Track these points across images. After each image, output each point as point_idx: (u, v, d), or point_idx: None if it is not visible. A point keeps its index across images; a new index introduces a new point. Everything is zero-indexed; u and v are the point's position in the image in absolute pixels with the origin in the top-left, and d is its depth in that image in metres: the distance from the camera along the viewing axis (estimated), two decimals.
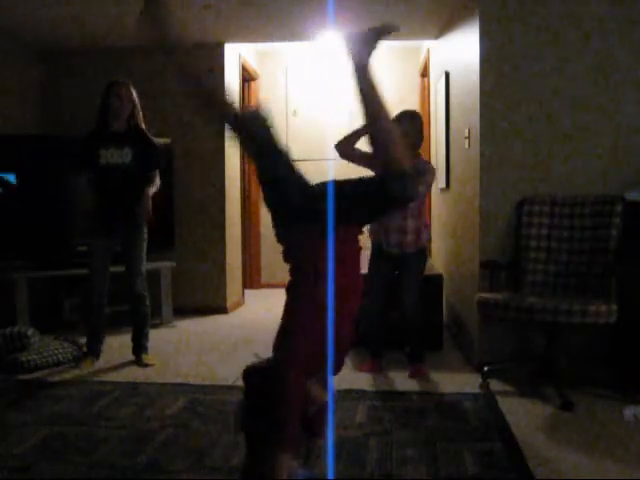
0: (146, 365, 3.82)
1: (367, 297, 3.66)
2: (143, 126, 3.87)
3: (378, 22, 1.88)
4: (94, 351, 3.91)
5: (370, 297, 3.66)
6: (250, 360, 1.98)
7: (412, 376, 3.51)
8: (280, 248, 2.04)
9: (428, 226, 3.76)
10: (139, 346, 3.91)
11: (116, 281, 4.96)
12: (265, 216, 6.91)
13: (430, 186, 3.61)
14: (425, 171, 3.46)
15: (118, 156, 3.76)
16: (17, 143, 4.71)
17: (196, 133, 5.34)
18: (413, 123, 3.49)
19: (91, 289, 3.85)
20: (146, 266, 3.95)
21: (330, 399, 2.15)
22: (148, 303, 3.94)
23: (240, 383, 1.93)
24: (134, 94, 3.82)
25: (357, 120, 3.49)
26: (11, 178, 4.60)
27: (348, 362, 3.83)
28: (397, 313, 3.69)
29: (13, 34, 5.02)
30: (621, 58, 3.49)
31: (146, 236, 3.89)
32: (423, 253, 3.68)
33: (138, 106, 3.85)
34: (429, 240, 3.81)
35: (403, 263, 3.60)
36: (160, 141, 4.47)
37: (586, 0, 3.49)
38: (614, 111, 3.51)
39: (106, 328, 3.99)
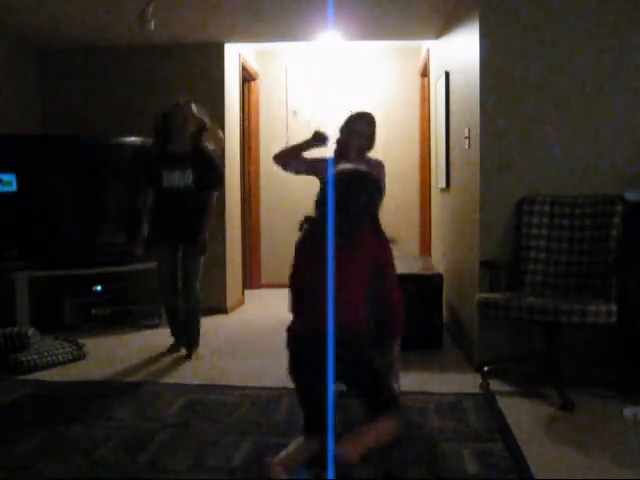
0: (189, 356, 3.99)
1: None
2: (209, 146, 3.95)
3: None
4: (179, 341, 4.14)
5: None
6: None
7: None
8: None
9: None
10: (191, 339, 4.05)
11: (116, 281, 4.99)
12: (265, 216, 6.91)
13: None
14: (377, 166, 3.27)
15: (180, 178, 3.84)
16: (17, 143, 4.71)
17: None
18: (371, 126, 3.30)
19: (161, 293, 4.10)
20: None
21: (330, 400, 2.16)
22: (197, 313, 4.06)
23: None
24: (195, 112, 3.91)
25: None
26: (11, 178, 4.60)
27: None
28: None
29: (13, 34, 5.03)
30: (621, 58, 3.48)
31: (206, 248, 3.99)
32: None
33: (207, 125, 3.95)
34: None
35: None
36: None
37: (586, 0, 3.50)
38: (614, 111, 3.50)
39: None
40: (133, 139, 4.87)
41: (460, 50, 4.23)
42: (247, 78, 6.42)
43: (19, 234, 4.69)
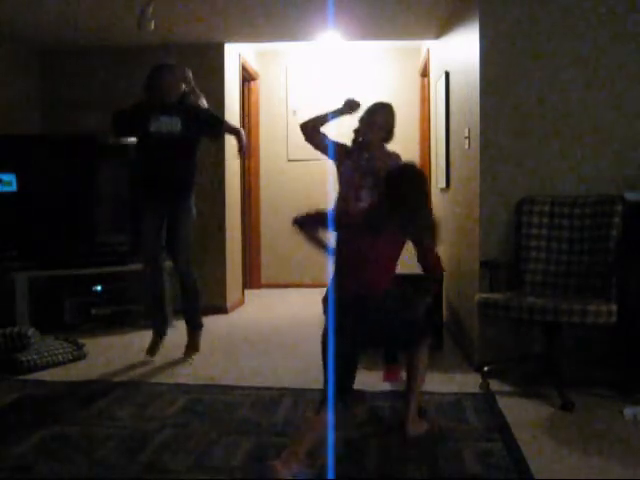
0: (193, 350, 3.93)
1: None
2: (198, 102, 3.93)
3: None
4: (158, 331, 3.99)
5: None
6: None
7: (387, 380, 3.42)
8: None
9: None
10: (192, 323, 3.98)
11: (116, 281, 4.99)
12: (265, 216, 6.92)
13: None
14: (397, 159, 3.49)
15: (167, 124, 3.74)
16: (17, 143, 4.71)
17: None
18: (390, 118, 3.40)
19: (144, 255, 3.91)
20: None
21: (330, 401, 2.17)
22: (195, 278, 3.95)
23: None
24: (190, 77, 3.90)
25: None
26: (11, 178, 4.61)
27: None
28: None
29: (13, 34, 5.02)
30: (621, 58, 3.48)
31: (194, 211, 3.90)
32: None
33: (197, 91, 3.94)
34: None
35: None
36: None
37: (586, 0, 3.50)
38: (614, 111, 3.50)
39: (170, 306, 4.09)
40: (133, 139, 4.86)
41: (460, 50, 4.23)
42: (247, 78, 6.42)
43: (19, 234, 4.69)
